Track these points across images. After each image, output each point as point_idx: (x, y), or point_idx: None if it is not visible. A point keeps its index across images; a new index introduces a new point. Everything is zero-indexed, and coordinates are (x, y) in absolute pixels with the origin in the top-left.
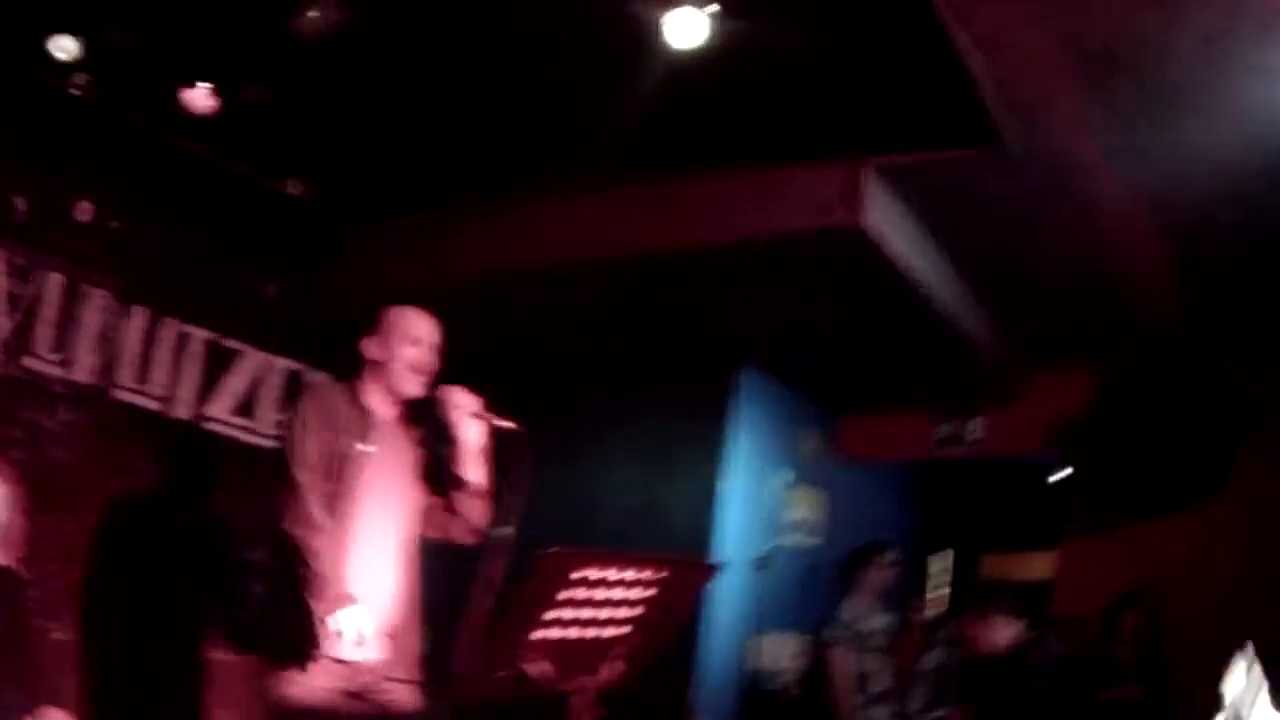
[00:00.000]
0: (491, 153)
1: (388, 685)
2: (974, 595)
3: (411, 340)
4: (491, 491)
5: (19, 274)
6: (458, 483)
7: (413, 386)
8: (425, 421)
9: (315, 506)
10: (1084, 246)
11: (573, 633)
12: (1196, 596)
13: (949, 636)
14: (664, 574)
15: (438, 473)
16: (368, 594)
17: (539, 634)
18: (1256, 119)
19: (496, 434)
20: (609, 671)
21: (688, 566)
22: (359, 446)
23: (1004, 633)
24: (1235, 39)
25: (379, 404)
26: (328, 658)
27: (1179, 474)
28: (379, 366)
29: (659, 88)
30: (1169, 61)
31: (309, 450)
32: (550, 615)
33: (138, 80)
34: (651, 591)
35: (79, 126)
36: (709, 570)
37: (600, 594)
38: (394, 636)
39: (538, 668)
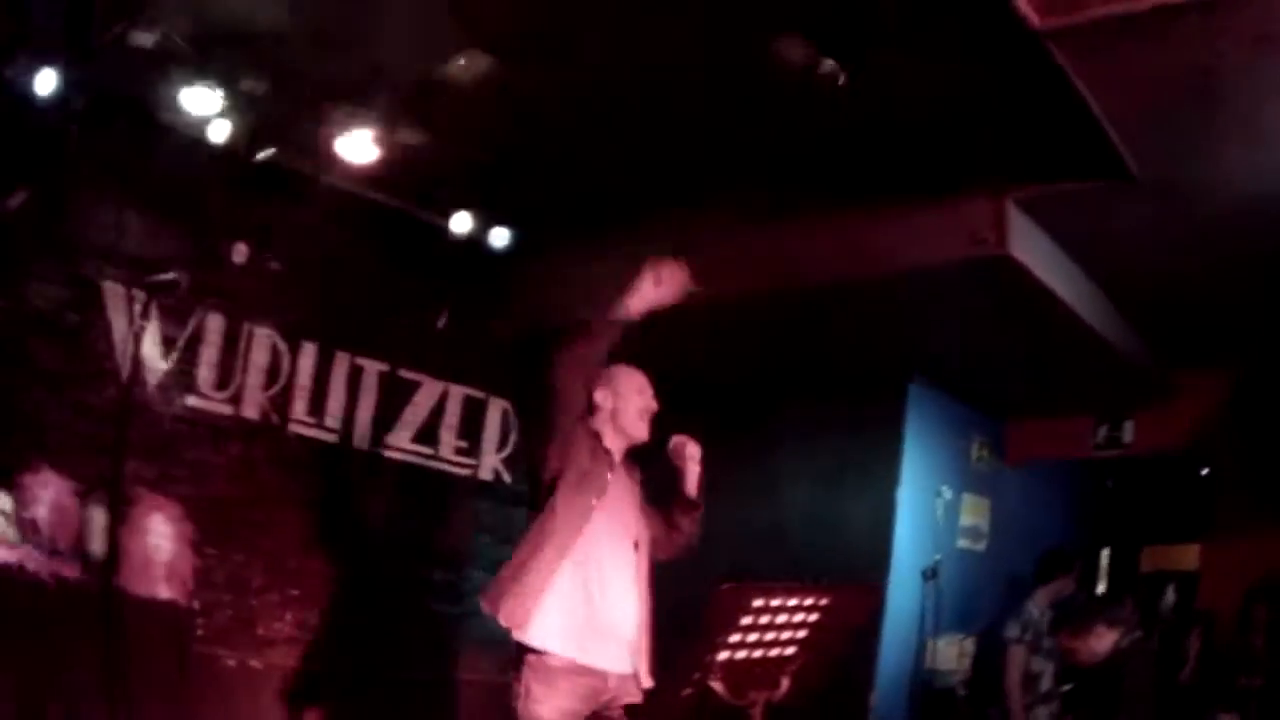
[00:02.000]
0: (662, 184)
1: (629, 692)
2: (1075, 608)
3: (640, 390)
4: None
5: (175, 316)
6: (685, 509)
7: (643, 432)
8: (645, 459)
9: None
10: (1207, 260)
11: (746, 655)
12: None
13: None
14: (828, 599)
15: (661, 502)
16: (619, 612)
17: (718, 656)
18: None
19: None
20: (779, 688)
21: (852, 591)
22: (608, 473)
23: (1103, 642)
24: None
25: (613, 444)
26: (584, 672)
27: None
28: (610, 413)
29: (824, 129)
30: (1267, 88)
31: (575, 468)
32: (727, 640)
33: (292, 126)
34: (816, 616)
35: (232, 171)
36: (872, 594)
37: (770, 619)
38: (640, 648)
39: (717, 686)
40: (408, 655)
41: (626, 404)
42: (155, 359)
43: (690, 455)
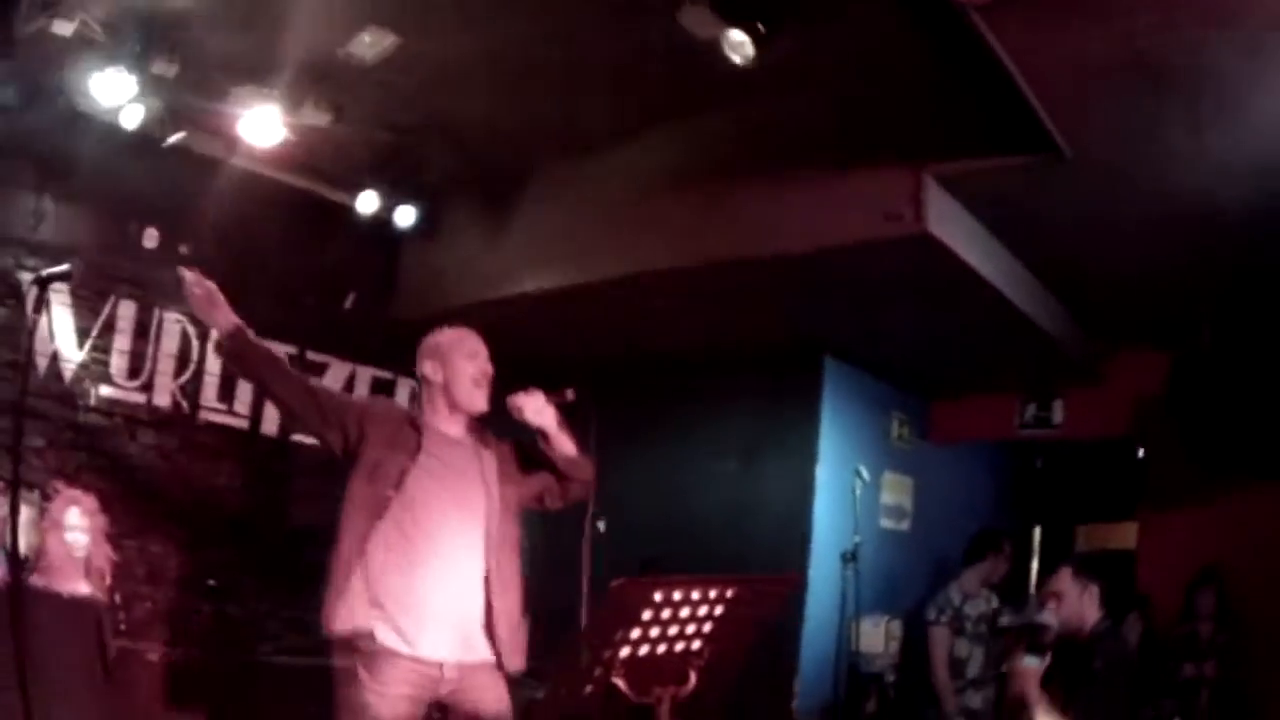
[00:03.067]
0: (568, 157)
1: (483, 683)
2: (1080, 560)
3: (470, 354)
4: (582, 448)
5: (89, 305)
6: (559, 459)
7: (480, 401)
8: (496, 422)
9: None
10: (1142, 240)
11: (649, 650)
12: (1270, 575)
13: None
14: (734, 591)
15: (532, 457)
16: (455, 597)
17: (619, 653)
18: None
19: (562, 407)
20: (687, 683)
21: (761, 582)
22: (407, 462)
23: (1090, 612)
24: (1276, 46)
25: (443, 421)
26: (411, 660)
27: (1250, 452)
28: (440, 386)
29: (729, 102)
30: (1210, 68)
31: (365, 458)
32: (628, 636)
33: (201, 110)
34: (723, 608)
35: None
36: (783, 584)
37: (672, 613)
38: (494, 631)
39: (620, 682)
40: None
41: (457, 374)
42: (70, 349)
43: (531, 409)
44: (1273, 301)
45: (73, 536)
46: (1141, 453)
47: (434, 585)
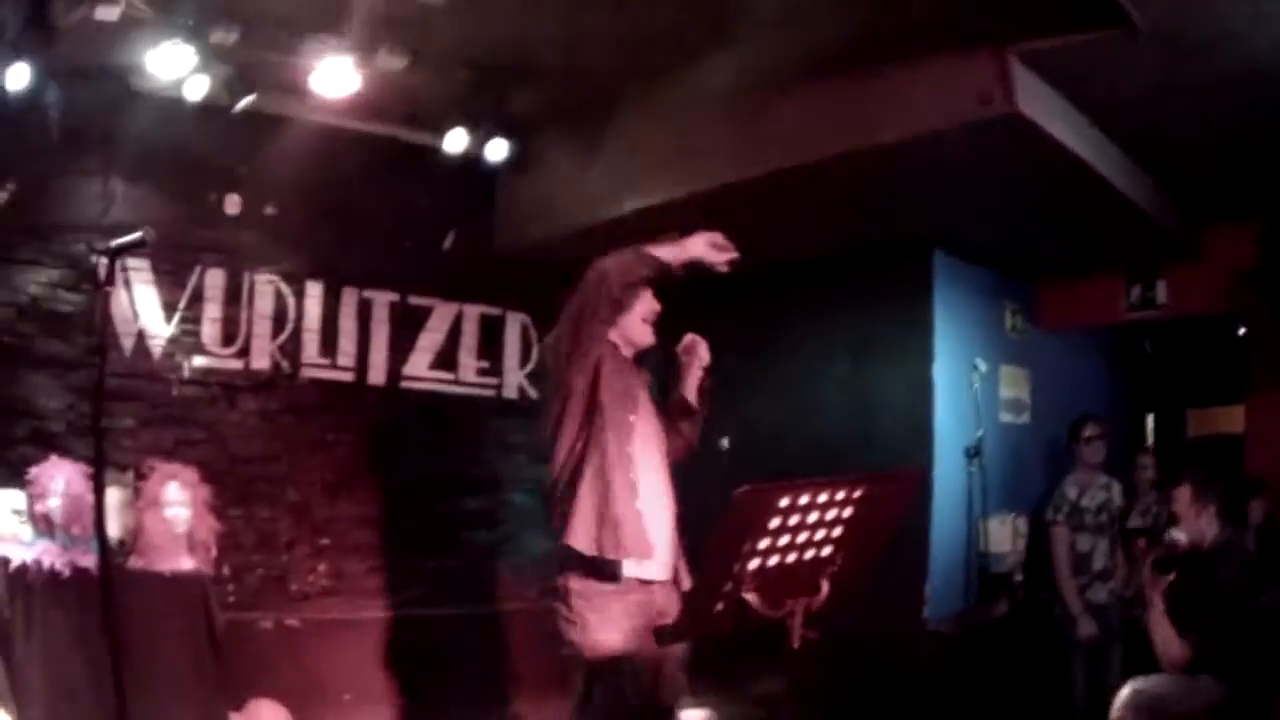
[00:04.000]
0: (652, 71)
1: (672, 601)
2: (1204, 474)
3: (641, 298)
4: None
5: (174, 278)
6: (688, 410)
7: (648, 336)
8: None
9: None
10: (1223, 111)
11: (778, 561)
12: None
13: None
14: (861, 491)
15: (664, 403)
16: (660, 521)
17: (748, 565)
18: None
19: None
20: (819, 593)
21: (887, 479)
22: (635, 383)
23: (1210, 529)
24: None
25: (626, 351)
26: (629, 581)
27: None
28: (615, 325)
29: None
30: None
31: (611, 385)
32: (755, 547)
33: (268, 69)
34: (851, 510)
35: (214, 125)
36: (909, 480)
37: (800, 519)
38: (675, 553)
39: (751, 597)
40: (449, 590)
41: (629, 313)
42: (158, 325)
43: (699, 357)
44: None
45: (173, 512)
46: (1243, 331)
47: (657, 506)
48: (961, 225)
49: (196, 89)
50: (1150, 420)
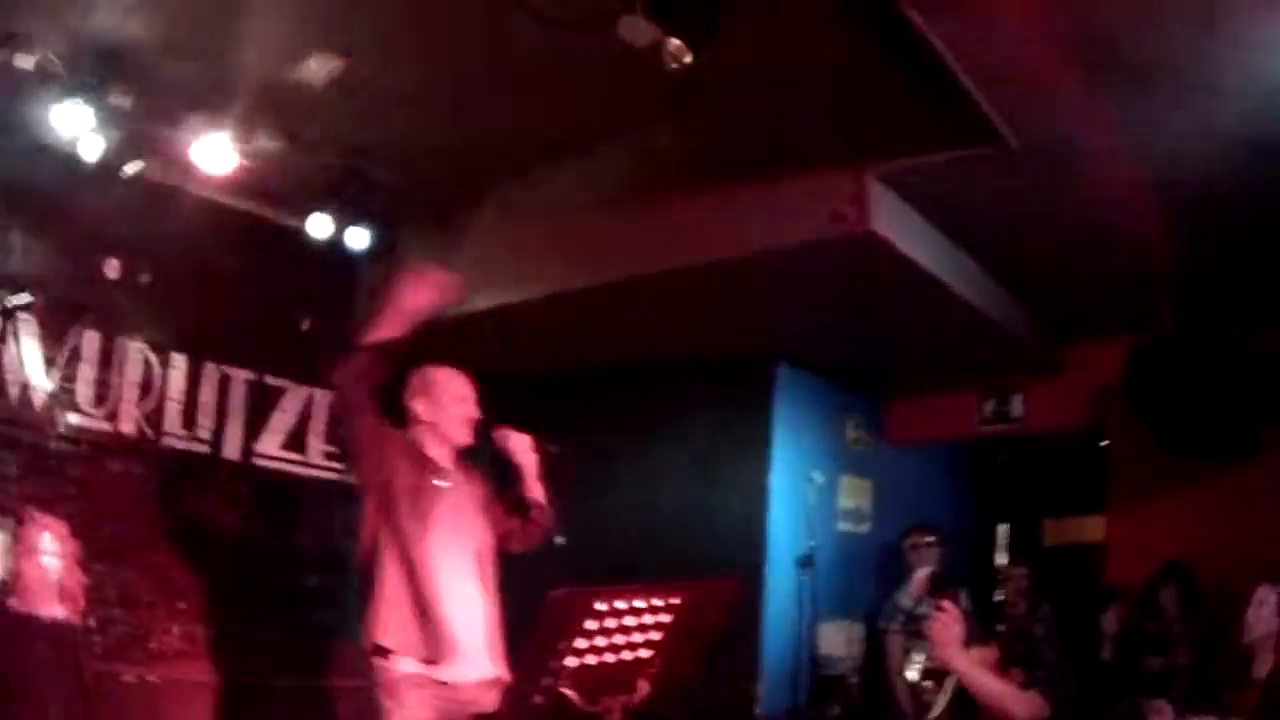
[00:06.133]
0: (514, 173)
1: (480, 695)
2: (990, 630)
3: (459, 399)
4: (551, 502)
5: (54, 334)
6: (526, 503)
7: (465, 436)
8: (479, 459)
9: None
10: (1096, 228)
11: (595, 660)
12: (1242, 561)
13: None
14: (679, 598)
15: (504, 498)
16: (465, 620)
17: (565, 663)
18: (1253, 91)
19: (544, 458)
20: (637, 692)
21: (707, 588)
22: (436, 482)
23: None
24: (1228, 14)
25: (435, 453)
26: (440, 685)
27: (1211, 437)
28: (429, 424)
29: (669, 112)
30: (1162, 42)
31: (398, 485)
32: (572, 646)
33: (157, 138)
34: (669, 616)
35: (104, 187)
36: (727, 587)
37: (617, 622)
38: (490, 647)
39: (569, 692)
40: (289, 663)
41: (446, 413)
42: (40, 378)
43: (517, 448)
44: (1228, 285)
45: (47, 561)
46: (1105, 443)
47: (459, 606)
48: (808, 339)
49: (92, 148)
50: (1004, 530)
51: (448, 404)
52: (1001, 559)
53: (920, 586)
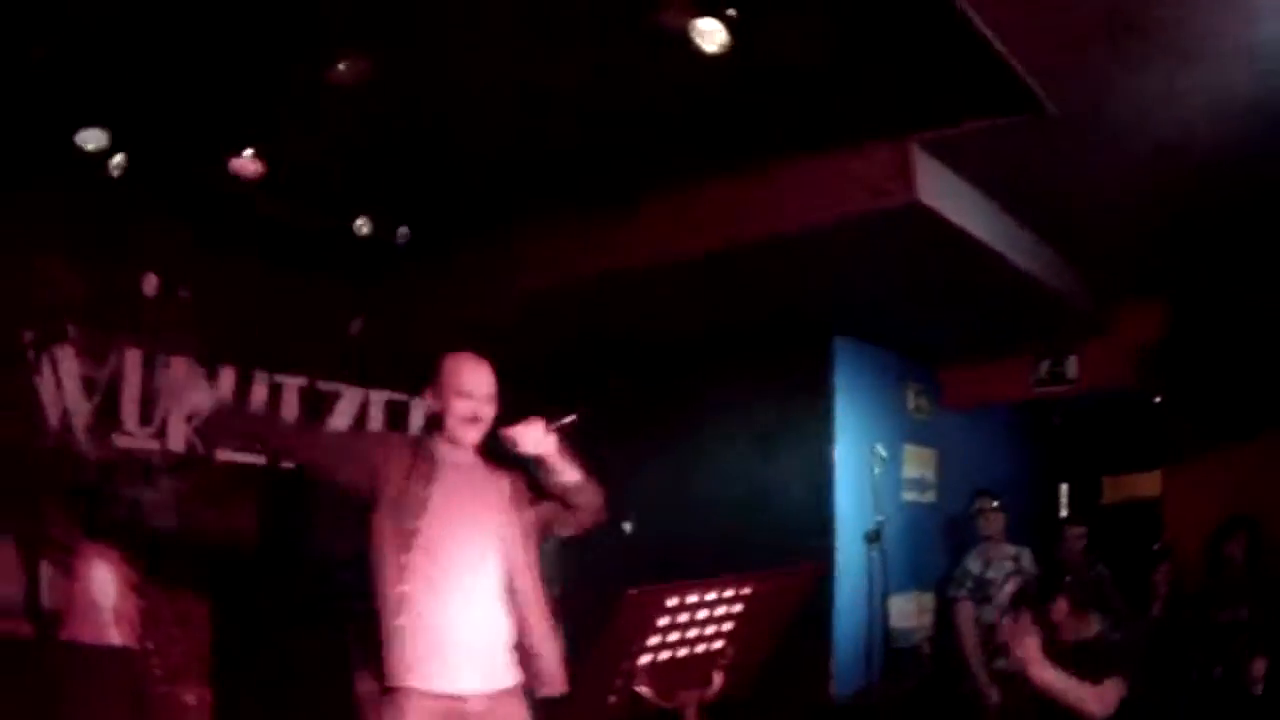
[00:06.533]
0: (555, 165)
1: (509, 712)
2: (1056, 583)
3: (463, 394)
4: (589, 474)
5: (94, 356)
6: (562, 489)
7: (469, 435)
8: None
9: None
10: (1133, 191)
11: (668, 655)
12: None
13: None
14: (750, 589)
15: (537, 486)
16: (472, 628)
17: (639, 661)
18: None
19: (566, 431)
20: (712, 685)
21: (780, 577)
22: (424, 491)
23: (1089, 626)
24: None
25: (449, 450)
26: (436, 696)
27: (1261, 399)
28: (437, 418)
29: (716, 90)
30: (1187, 12)
31: (386, 493)
32: (646, 644)
33: (179, 152)
34: (741, 606)
35: (130, 203)
36: (801, 577)
37: (690, 616)
38: (524, 654)
39: (644, 690)
40: (342, 662)
41: (449, 409)
42: (79, 402)
43: (528, 440)
44: (1266, 242)
45: (99, 588)
46: (1158, 401)
47: (457, 614)
48: (863, 311)
49: (118, 167)
50: (1065, 489)
51: (450, 398)
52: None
53: (988, 553)
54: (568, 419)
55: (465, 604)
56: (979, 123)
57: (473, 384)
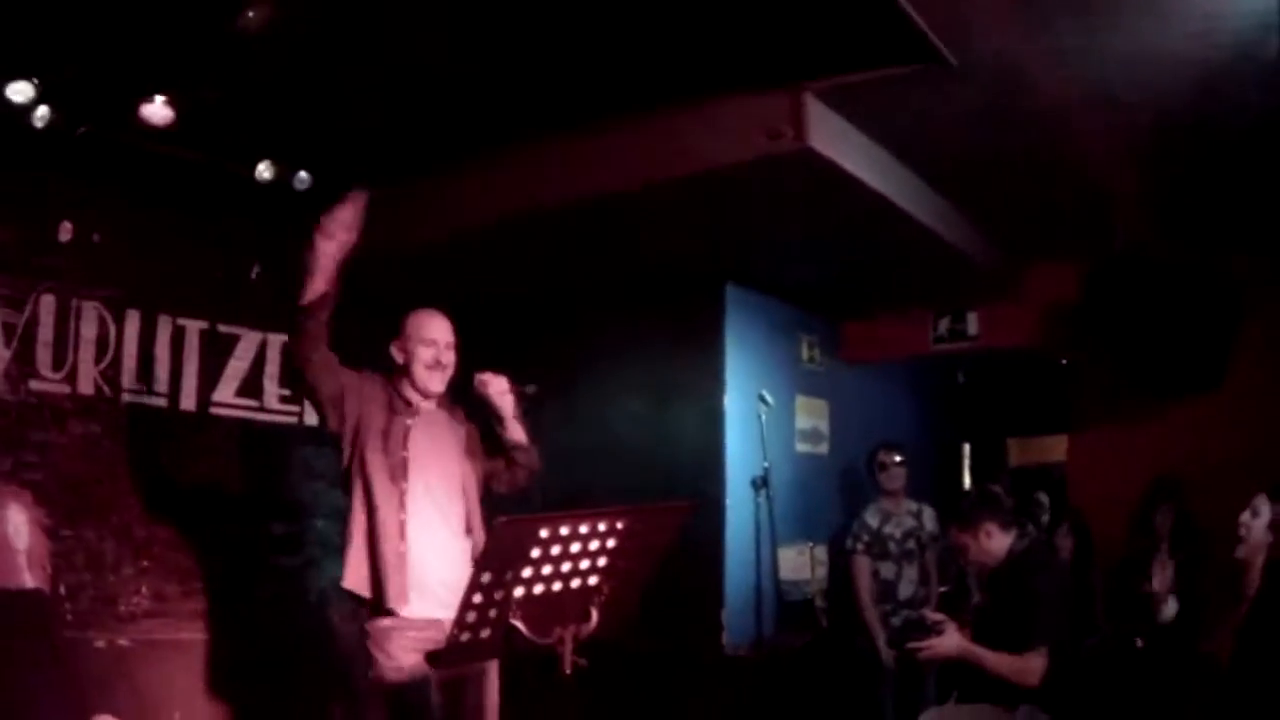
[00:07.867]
0: (449, 110)
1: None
2: (962, 505)
3: (427, 342)
4: (533, 441)
5: (11, 303)
6: (510, 444)
7: (434, 384)
8: (463, 400)
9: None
10: (1041, 146)
11: (543, 589)
12: (1206, 486)
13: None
14: (624, 523)
15: (489, 439)
16: (444, 561)
17: (513, 593)
18: (1195, 13)
19: (522, 398)
20: (588, 621)
21: (652, 512)
22: (408, 422)
23: (995, 542)
24: None
25: (413, 396)
26: (411, 624)
27: (1176, 364)
28: (403, 367)
29: (606, 29)
30: None
31: (373, 426)
32: (519, 575)
33: (91, 99)
34: (615, 541)
35: (43, 151)
36: (675, 512)
37: (563, 549)
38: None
39: (519, 623)
40: (260, 613)
41: (413, 357)
42: None
43: (494, 390)
44: (1183, 203)
45: (13, 530)
46: (1065, 364)
47: (442, 547)
48: (757, 260)
49: (40, 117)
50: (967, 449)
51: (414, 347)
52: (966, 477)
53: (886, 506)
54: (530, 387)
55: (441, 536)
56: (876, 71)
57: (436, 332)
